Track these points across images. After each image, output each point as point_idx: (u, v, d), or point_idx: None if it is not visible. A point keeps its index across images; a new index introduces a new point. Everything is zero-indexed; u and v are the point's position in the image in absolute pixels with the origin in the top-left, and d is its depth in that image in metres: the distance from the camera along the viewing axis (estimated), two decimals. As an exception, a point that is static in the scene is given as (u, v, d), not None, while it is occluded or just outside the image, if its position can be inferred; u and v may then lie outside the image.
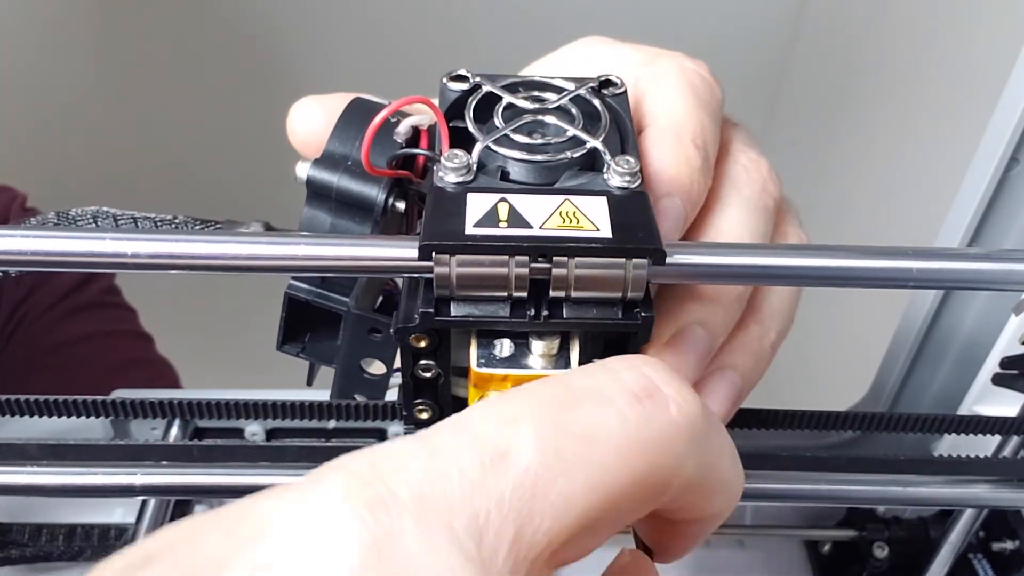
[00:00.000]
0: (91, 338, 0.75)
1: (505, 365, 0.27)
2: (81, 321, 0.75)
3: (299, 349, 0.32)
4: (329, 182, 0.28)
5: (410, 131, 0.29)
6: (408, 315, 0.26)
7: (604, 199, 0.26)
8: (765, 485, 0.34)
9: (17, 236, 0.24)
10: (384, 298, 0.32)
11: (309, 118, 0.30)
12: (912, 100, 1.00)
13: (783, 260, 0.26)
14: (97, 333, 0.76)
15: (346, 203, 0.28)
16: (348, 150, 0.29)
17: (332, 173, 0.28)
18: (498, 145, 0.27)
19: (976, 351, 0.44)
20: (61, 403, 0.31)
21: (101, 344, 0.76)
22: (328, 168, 0.28)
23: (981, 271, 0.26)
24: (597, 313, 0.26)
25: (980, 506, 0.43)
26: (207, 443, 0.31)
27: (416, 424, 0.30)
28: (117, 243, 0.24)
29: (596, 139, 0.28)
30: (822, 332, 1.17)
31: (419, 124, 0.29)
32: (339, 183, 0.28)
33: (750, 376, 0.30)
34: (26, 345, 0.72)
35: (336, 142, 0.29)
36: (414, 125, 0.29)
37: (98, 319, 0.76)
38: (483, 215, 0.25)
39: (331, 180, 0.28)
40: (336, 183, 0.28)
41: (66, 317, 0.75)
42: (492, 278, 0.24)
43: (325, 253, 0.25)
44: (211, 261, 0.24)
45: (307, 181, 0.28)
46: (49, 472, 0.32)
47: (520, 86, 0.30)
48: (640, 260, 0.24)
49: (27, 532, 0.51)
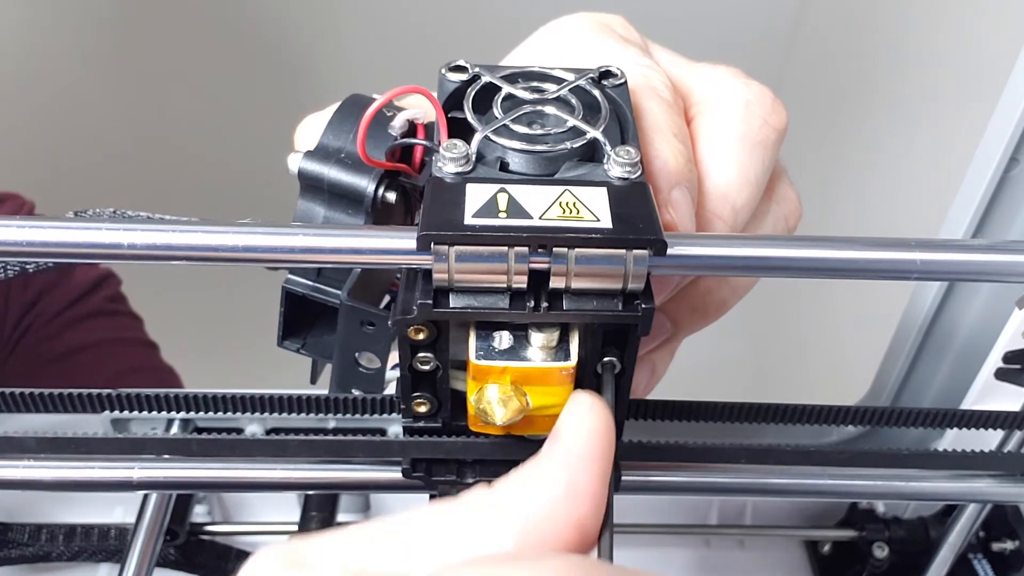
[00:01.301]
0: (97, 346, 0.75)
1: (504, 357, 0.26)
2: (86, 329, 0.75)
3: (299, 345, 0.32)
4: (320, 173, 0.28)
5: (406, 125, 0.29)
6: (406, 306, 0.26)
7: (604, 190, 0.26)
8: (769, 480, 0.34)
9: (13, 227, 0.23)
10: (391, 298, 0.32)
11: (314, 134, 0.30)
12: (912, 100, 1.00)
13: (786, 252, 0.26)
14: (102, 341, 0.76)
15: (338, 194, 0.28)
16: (342, 143, 0.29)
17: (323, 165, 0.28)
18: (497, 135, 0.27)
19: (978, 346, 0.44)
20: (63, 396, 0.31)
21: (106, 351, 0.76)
22: (320, 160, 0.28)
23: (986, 262, 0.26)
24: (597, 305, 0.25)
25: (983, 501, 0.42)
26: (206, 437, 0.30)
27: (414, 417, 0.29)
28: (113, 233, 0.24)
29: (596, 129, 0.27)
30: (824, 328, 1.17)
31: (415, 118, 0.29)
32: (329, 174, 0.28)
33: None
34: (32, 353, 0.72)
35: (330, 135, 0.29)
36: (410, 119, 0.29)
37: (103, 327, 0.77)
38: (482, 205, 0.25)
39: (322, 171, 0.28)
40: (327, 174, 0.28)
41: (71, 325, 0.75)
42: (491, 269, 0.24)
43: (323, 244, 0.25)
44: (208, 252, 0.24)
45: (299, 173, 0.28)
46: (47, 466, 0.31)
47: (519, 76, 0.30)
48: (641, 251, 0.24)
49: (27, 532, 0.51)
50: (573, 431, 0.24)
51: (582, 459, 0.23)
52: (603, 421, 0.24)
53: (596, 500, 0.23)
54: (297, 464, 0.33)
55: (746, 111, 0.31)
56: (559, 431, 0.24)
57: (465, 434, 0.30)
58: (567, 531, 0.22)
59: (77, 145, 1.37)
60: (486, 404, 0.27)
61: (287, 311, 0.31)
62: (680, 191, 0.28)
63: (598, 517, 0.23)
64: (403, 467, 0.31)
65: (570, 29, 0.33)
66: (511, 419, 0.27)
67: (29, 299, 0.73)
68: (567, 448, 0.24)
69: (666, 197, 0.28)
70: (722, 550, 0.54)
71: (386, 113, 0.29)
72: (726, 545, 0.54)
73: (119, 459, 0.31)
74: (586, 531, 0.23)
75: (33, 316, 0.73)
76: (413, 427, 0.30)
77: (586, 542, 0.23)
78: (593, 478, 0.23)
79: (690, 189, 0.28)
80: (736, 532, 0.53)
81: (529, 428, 0.28)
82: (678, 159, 0.28)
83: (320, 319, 0.32)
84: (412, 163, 0.30)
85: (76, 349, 0.74)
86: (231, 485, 0.32)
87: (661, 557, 0.53)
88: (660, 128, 0.29)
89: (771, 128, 0.31)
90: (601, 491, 0.23)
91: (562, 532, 0.22)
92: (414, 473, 0.31)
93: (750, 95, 0.31)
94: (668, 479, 0.34)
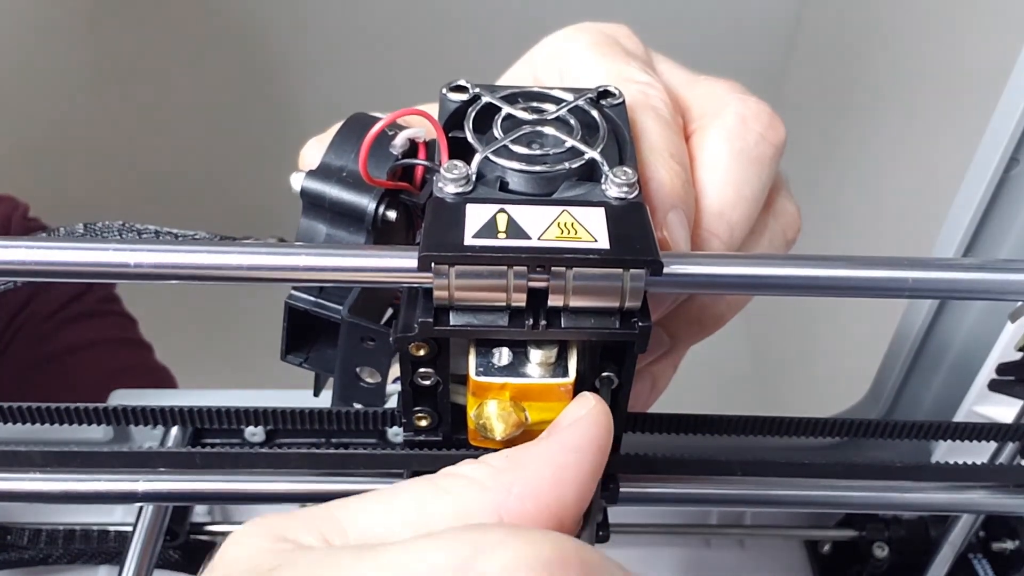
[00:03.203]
0: (90, 346, 0.75)
1: (503, 374, 0.27)
2: (79, 329, 0.75)
3: (302, 359, 0.32)
4: (322, 192, 0.29)
5: (407, 144, 0.29)
6: (407, 324, 0.26)
7: (602, 210, 0.26)
8: (765, 491, 0.34)
9: (22, 247, 0.24)
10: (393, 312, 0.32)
11: (317, 155, 0.31)
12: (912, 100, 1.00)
13: (780, 270, 0.27)
14: (95, 341, 0.76)
15: (340, 212, 0.29)
16: (344, 162, 0.29)
17: (325, 183, 0.29)
18: (497, 156, 0.28)
19: (972, 357, 0.44)
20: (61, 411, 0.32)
21: (99, 352, 0.76)
22: (322, 179, 0.29)
23: (976, 281, 0.27)
24: (595, 323, 0.26)
25: (977, 512, 0.43)
26: (210, 451, 0.31)
27: (415, 431, 0.30)
28: (120, 254, 0.24)
29: (594, 150, 0.28)
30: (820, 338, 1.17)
31: (416, 137, 0.30)
32: (331, 193, 0.29)
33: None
34: (24, 354, 0.72)
35: (332, 154, 0.29)
36: (411, 138, 0.29)
37: (96, 327, 0.77)
38: (482, 226, 0.25)
39: (324, 190, 0.29)
40: (329, 193, 0.29)
41: (64, 326, 0.75)
42: (490, 288, 0.25)
43: (326, 263, 0.25)
44: (213, 271, 0.25)
45: (302, 192, 0.29)
46: (52, 479, 0.32)
47: (519, 96, 0.30)
48: (638, 271, 0.25)
49: (27, 536, 0.51)
50: (571, 424, 0.25)
51: (574, 450, 0.24)
52: (601, 421, 0.25)
53: (580, 491, 0.24)
54: (299, 476, 0.33)
55: (743, 127, 0.31)
56: (558, 422, 0.25)
57: (465, 447, 0.30)
58: (546, 513, 0.23)
59: (68, 148, 1.36)
60: (486, 419, 0.27)
61: (290, 325, 0.31)
62: (676, 213, 0.28)
63: (579, 508, 0.24)
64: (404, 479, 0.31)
65: (572, 42, 0.33)
66: (510, 434, 0.27)
67: (21, 300, 0.73)
68: (562, 438, 0.24)
69: (662, 219, 0.28)
70: (722, 550, 0.54)
71: (388, 132, 0.29)
72: (726, 545, 0.54)
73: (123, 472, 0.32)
74: (564, 519, 0.23)
75: (25, 316, 0.73)
76: (414, 440, 0.30)
77: (562, 531, 0.23)
78: (581, 470, 0.24)
79: (687, 211, 0.29)
80: (736, 532, 0.53)
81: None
82: (674, 181, 0.29)
83: (322, 334, 0.32)
84: (413, 181, 0.30)
85: (69, 349, 0.74)
86: (233, 497, 0.32)
87: (661, 557, 0.53)
88: (658, 149, 0.29)
89: (768, 144, 0.31)
90: (586, 484, 0.24)
91: (542, 513, 0.23)
92: (415, 486, 0.31)
93: (747, 111, 0.31)
94: (665, 490, 0.34)
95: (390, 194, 0.29)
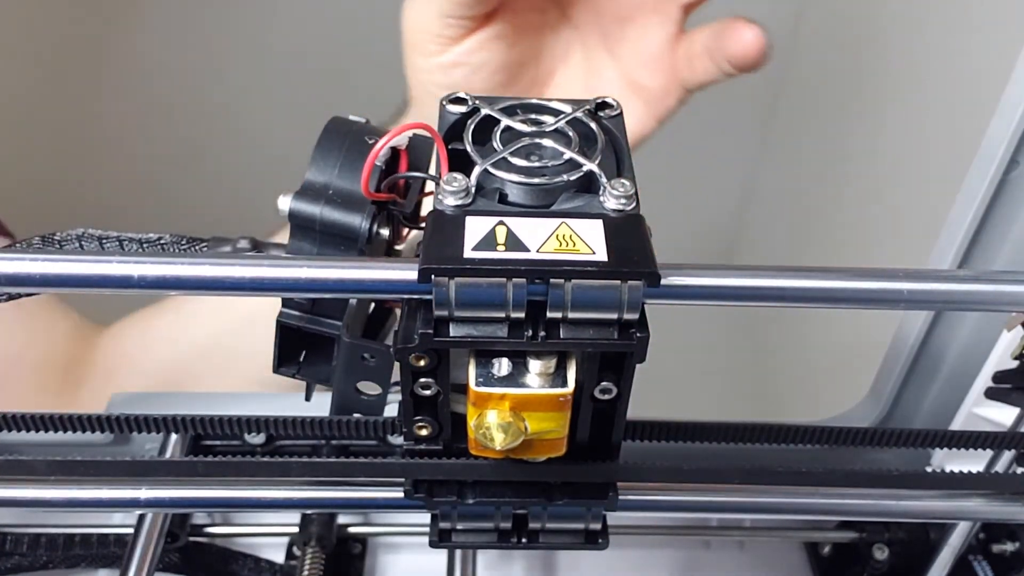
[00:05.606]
0: None
1: (503, 384, 0.27)
2: None
3: (295, 371, 0.32)
4: (312, 214, 0.28)
5: (388, 152, 0.29)
6: (408, 335, 0.26)
7: (600, 222, 0.26)
8: (762, 499, 0.35)
9: (27, 260, 0.24)
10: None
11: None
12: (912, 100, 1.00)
13: (777, 282, 0.27)
14: None
15: (330, 233, 0.28)
16: (328, 178, 0.28)
17: (314, 204, 0.28)
18: (496, 168, 0.28)
19: (969, 364, 0.44)
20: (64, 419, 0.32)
21: None
22: (310, 200, 0.28)
23: (971, 292, 0.27)
24: (594, 334, 0.26)
25: (973, 519, 0.43)
26: (212, 460, 0.31)
27: (416, 440, 0.30)
28: (124, 267, 0.24)
29: (592, 162, 0.28)
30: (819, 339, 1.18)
31: (396, 144, 0.29)
32: (322, 215, 0.28)
33: None
34: None
35: (315, 171, 0.29)
36: (392, 146, 0.29)
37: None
38: (481, 239, 0.25)
39: (314, 212, 0.28)
40: (319, 215, 0.28)
41: None
42: (490, 300, 0.25)
43: (327, 275, 0.25)
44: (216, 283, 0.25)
45: (290, 214, 0.28)
46: (54, 487, 0.32)
47: (518, 108, 0.30)
48: (635, 283, 0.25)
49: (26, 542, 0.51)
50: None
51: None
52: None
53: None
54: (300, 485, 0.33)
55: None
56: None
57: (465, 456, 0.30)
58: None
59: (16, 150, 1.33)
60: (486, 429, 0.27)
61: (281, 341, 0.31)
62: None
63: None
64: (405, 488, 0.32)
65: None
66: (510, 444, 0.27)
67: None
68: None
69: None
70: (721, 552, 0.54)
71: (367, 141, 0.29)
72: (725, 547, 0.54)
73: (126, 480, 0.32)
74: None
75: None
76: (414, 449, 0.30)
77: None
78: None
79: None
80: (735, 534, 0.53)
81: (527, 452, 0.29)
82: None
83: (314, 347, 0.32)
84: (398, 189, 0.30)
85: None
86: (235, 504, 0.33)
87: (660, 558, 0.53)
88: None
89: None
90: None
91: None
92: (416, 494, 0.32)
93: None
94: (664, 498, 0.34)
95: (379, 206, 0.29)
